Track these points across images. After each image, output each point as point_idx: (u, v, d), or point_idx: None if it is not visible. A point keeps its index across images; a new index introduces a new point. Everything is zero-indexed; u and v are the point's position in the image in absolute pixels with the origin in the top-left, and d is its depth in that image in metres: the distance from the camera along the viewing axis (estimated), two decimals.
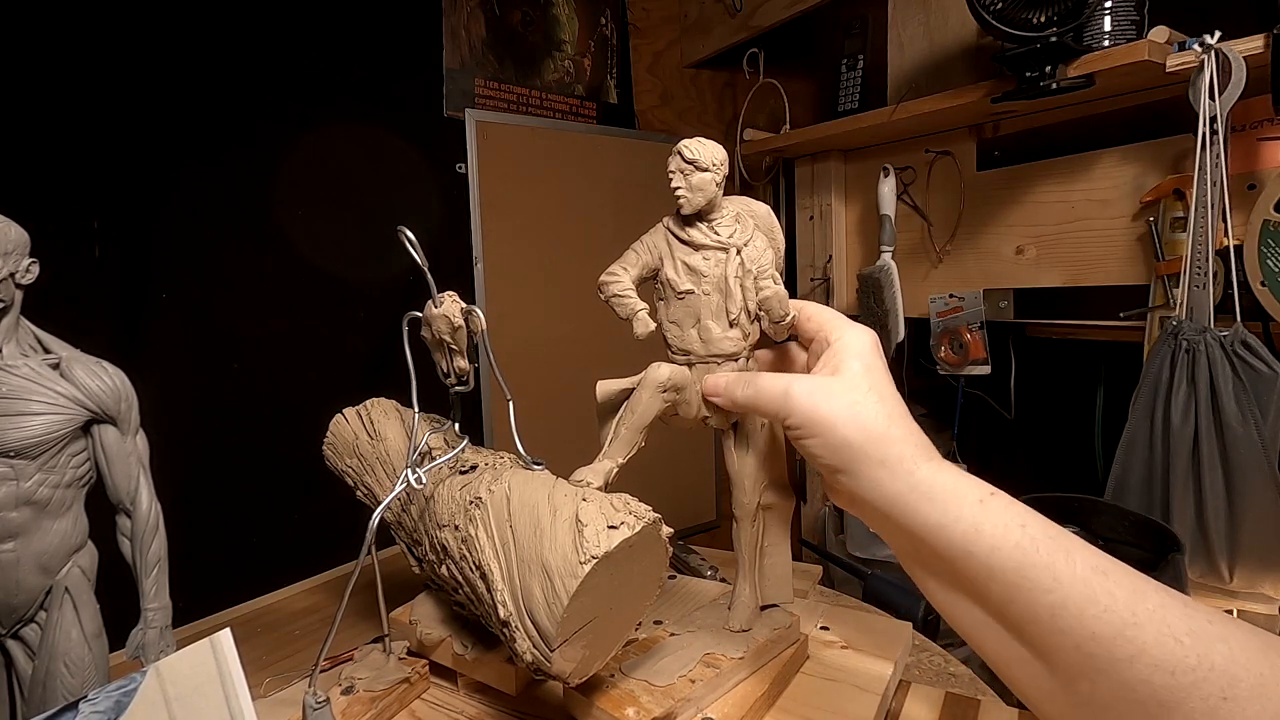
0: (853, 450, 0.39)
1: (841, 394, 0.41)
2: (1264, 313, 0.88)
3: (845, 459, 0.40)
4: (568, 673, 0.44)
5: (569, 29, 1.39)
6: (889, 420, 0.40)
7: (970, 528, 0.36)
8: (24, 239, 0.49)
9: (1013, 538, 0.36)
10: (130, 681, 0.37)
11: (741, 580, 0.57)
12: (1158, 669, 0.32)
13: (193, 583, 0.64)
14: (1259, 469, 0.85)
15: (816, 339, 0.46)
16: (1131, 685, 0.32)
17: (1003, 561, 0.35)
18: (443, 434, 0.59)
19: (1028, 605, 0.35)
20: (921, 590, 0.41)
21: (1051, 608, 0.34)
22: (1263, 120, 0.92)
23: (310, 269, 1.06)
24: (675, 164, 0.49)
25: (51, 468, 0.48)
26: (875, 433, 0.39)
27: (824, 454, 0.40)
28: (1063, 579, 0.34)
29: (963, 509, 0.37)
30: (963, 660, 0.66)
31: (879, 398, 0.41)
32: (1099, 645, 0.33)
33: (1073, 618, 0.33)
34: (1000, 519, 0.36)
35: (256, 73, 1.00)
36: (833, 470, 0.41)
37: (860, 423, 0.40)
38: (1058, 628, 0.34)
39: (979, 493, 0.38)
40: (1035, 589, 0.34)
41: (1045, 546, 0.35)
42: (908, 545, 0.40)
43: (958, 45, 1.19)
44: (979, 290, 1.25)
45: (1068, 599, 0.34)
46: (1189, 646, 0.32)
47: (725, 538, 0.61)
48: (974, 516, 0.37)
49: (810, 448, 0.41)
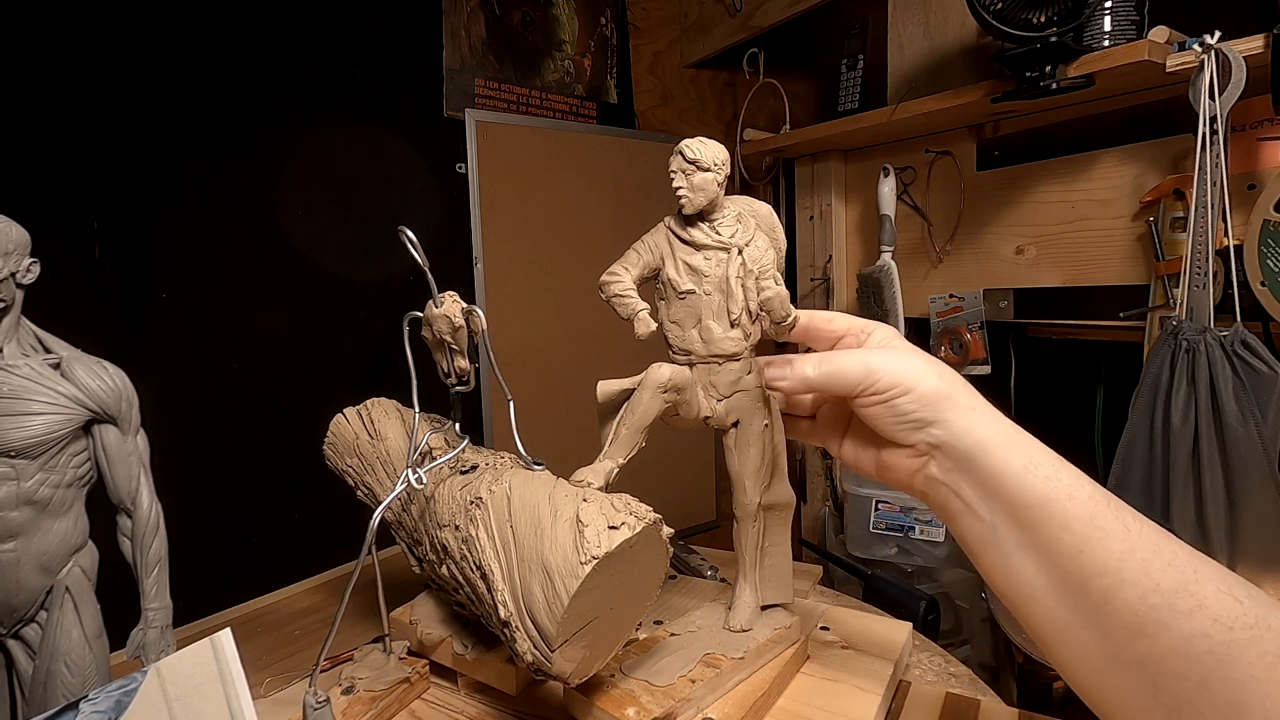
0: (946, 399, 0.42)
1: (914, 357, 0.44)
2: (1264, 313, 0.88)
3: (939, 409, 0.42)
4: (568, 673, 0.44)
5: (569, 29, 1.39)
6: (959, 377, 0.44)
7: (1051, 473, 0.38)
8: (25, 239, 0.49)
9: (1087, 490, 0.38)
10: (131, 681, 0.37)
11: (742, 580, 0.57)
12: (1217, 623, 0.32)
13: (193, 583, 0.64)
14: (1259, 469, 0.85)
15: (848, 335, 0.49)
16: (1191, 639, 0.33)
17: (1078, 509, 0.37)
18: (443, 434, 0.59)
19: (1096, 554, 0.36)
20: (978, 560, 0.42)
21: (1120, 557, 0.35)
22: (1263, 120, 0.92)
23: (310, 269, 1.06)
24: (677, 164, 0.49)
25: (52, 467, 0.48)
26: (959, 383, 0.43)
27: (916, 407, 0.42)
28: (1133, 531, 0.36)
29: (1043, 457, 0.39)
30: (962, 660, 0.66)
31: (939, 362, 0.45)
32: (1162, 597, 0.34)
33: (1139, 569, 0.35)
34: (1075, 474, 0.39)
35: (256, 72, 1.00)
36: (922, 425, 0.42)
37: (945, 376, 0.43)
38: (1124, 579, 0.35)
39: (1052, 451, 0.40)
40: (1107, 537, 0.36)
41: (1115, 505, 0.38)
42: (982, 500, 0.41)
43: (958, 45, 1.19)
44: (979, 290, 1.25)
45: (1135, 549, 0.35)
46: (1247, 606, 0.33)
47: (725, 538, 0.61)
48: (1054, 465, 0.39)
49: (901, 405, 0.43)
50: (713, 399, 0.51)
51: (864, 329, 0.48)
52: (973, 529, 0.41)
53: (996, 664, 1.28)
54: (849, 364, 0.44)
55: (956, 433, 0.41)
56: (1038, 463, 0.39)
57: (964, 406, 0.42)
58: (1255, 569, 0.87)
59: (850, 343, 0.49)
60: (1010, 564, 0.39)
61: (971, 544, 0.42)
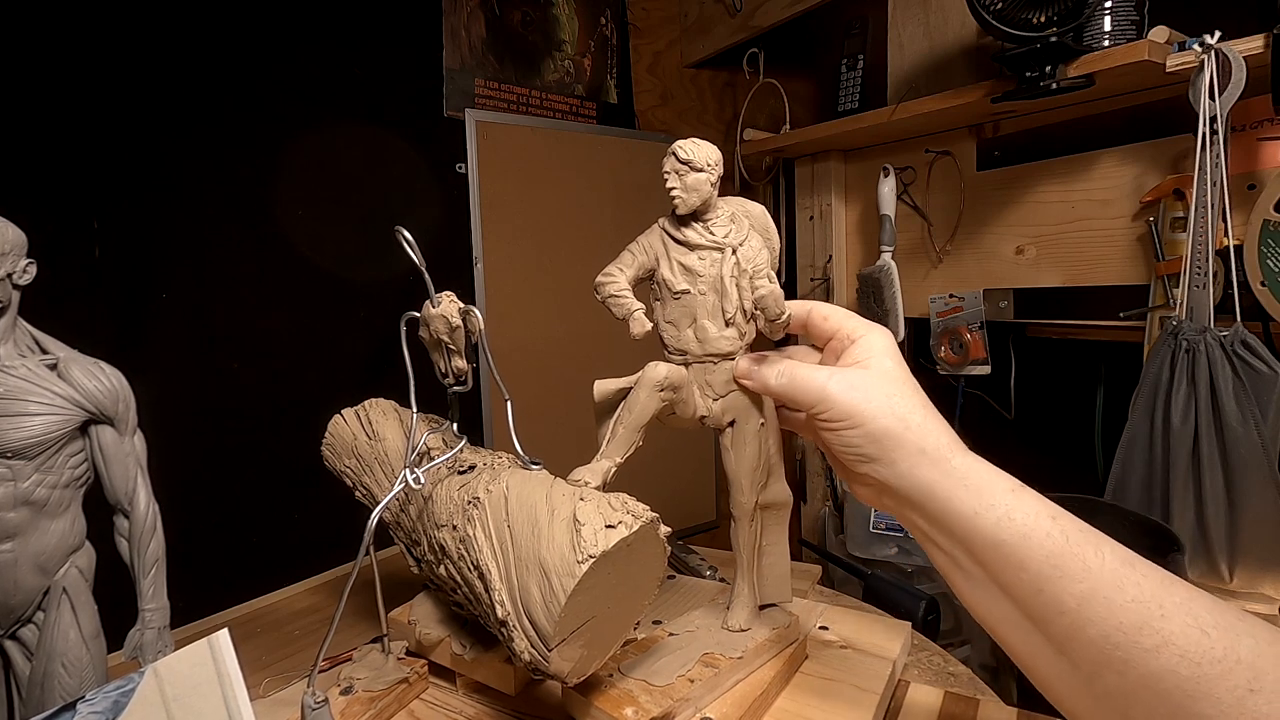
0: (893, 439, 0.40)
1: (878, 386, 0.42)
2: (1264, 313, 0.88)
3: (885, 448, 0.40)
4: (566, 672, 0.44)
5: (569, 29, 1.39)
6: (924, 412, 0.41)
7: (1004, 515, 0.37)
8: (21, 239, 0.49)
9: (1044, 527, 0.36)
10: (128, 682, 0.37)
11: (740, 580, 0.56)
12: (1184, 659, 0.32)
13: (192, 583, 0.65)
14: (1259, 469, 0.84)
15: (836, 337, 0.47)
16: (1158, 675, 0.32)
17: (1034, 550, 0.36)
18: (441, 434, 0.59)
19: (1056, 595, 0.35)
20: (948, 583, 0.41)
21: (1080, 597, 0.34)
22: (1263, 120, 0.92)
23: (310, 269, 1.06)
24: (670, 164, 0.49)
25: (49, 468, 0.48)
26: (914, 423, 0.41)
27: (862, 443, 0.41)
28: (1092, 568, 0.35)
29: (996, 496, 0.38)
30: (962, 660, 0.66)
31: (912, 391, 0.42)
32: (1125, 635, 0.33)
33: (1100, 607, 0.34)
34: (1031, 509, 0.37)
35: (256, 73, 1.01)
36: (868, 460, 0.41)
37: (898, 414, 0.41)
38: (1085, 618, 0.34)
39: (1010, 483, 0.39)
40: (1065, 578, 0.35)
41: (1075, 538, 0.36)
42: (938, 536, 0.40)
43: (958, 45, 1.19)
44: (979, 290, 1.25)
45: (1096, 588, 0.34)
46: (1215, 639, 0.32)
47: (724, 537, 0.61)
48: (1007, 504, 0.37)
49: (848, 439, 0.42)
50: (709, 398, 0.51)
51: (851, 335, 0.46)
52: (937, 557, 0.41)
53: (996, 664, 1.28)
54: (808, 384, 0.43)
55: (900, 474, 0.40)
56: (989, 505, 0.37)
57: (911, 449, 0.40)
58: (1255, 569, 0.87)
59: (836, 347, 0.47)
60: (978, 591, 0.39)
61: (940, 568, 0.41)
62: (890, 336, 0.46)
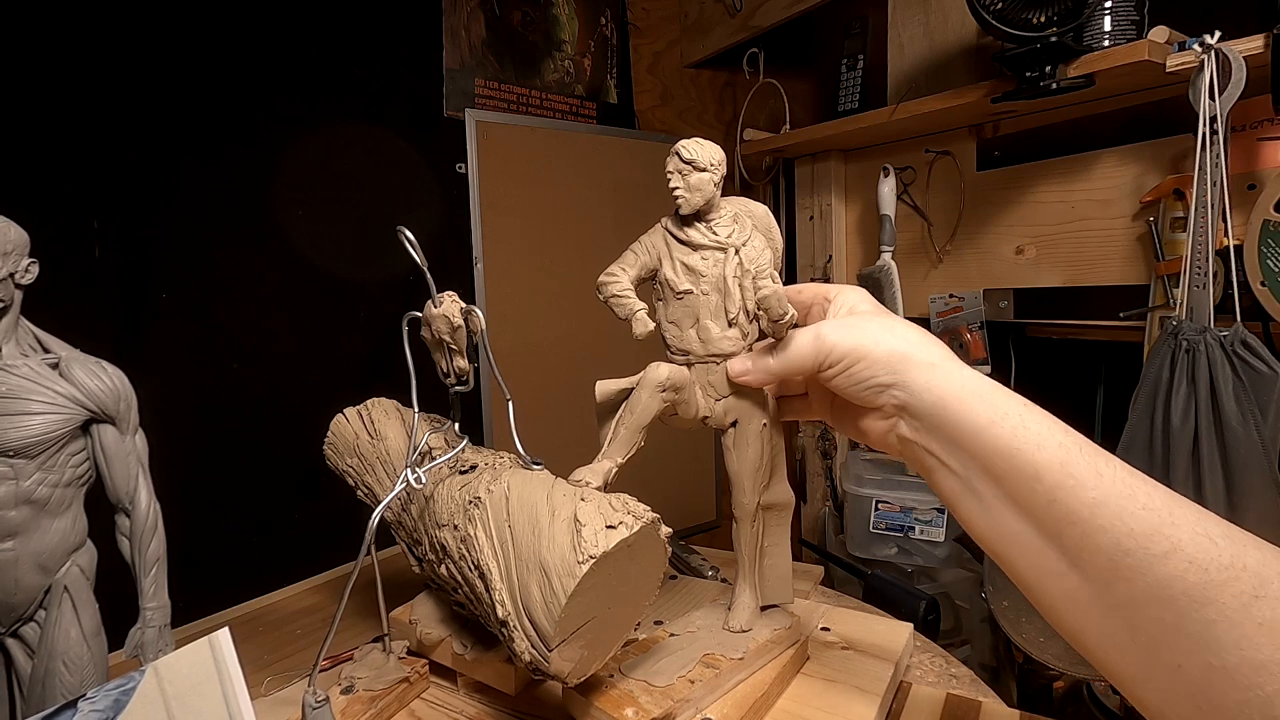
0: (901, 357, 0.41)
1: (868, 321, 0.44)
2: (1264, 313, 0.88)
3: (896, 369, 0.41)
4: (566, 672, 0.44)
5: (569, 29, 1.39)
6: (919, 333, 0.43)
7: (1019, 424, 0.38)
8: (23, 239, 0.49)
9: (1056, 437, 0.37)
10: (129, 680, 0.37)
11: (741, 580, 0.56)
12: (1192, 565, 0.32)
13: (193, 582, 0.64)
14: (1259, 469, 0.84)
15: (814, 304, 0.49)
16: (1165, 581, 0.33)
17: (1049, 458, 0.36)
18: (442, 434, 0.59)
19: (1069, 503, 0.35)
20: (956, 514, 0.41)
21: (1093, 504, 0.35)
22: (1263, 120, 0.92)
23: (310, 269, 1.06)
24: (673, 164, 0.49)
25: (51, 467, 0.48)
26: (914, 340, 0.42)
27: (874, 371, 0.42)
28: (1105, 476, 0.35)
29: (1009, 407, 0.39)
30: (962, 660, 0.66)
31: (900, 320, 0.44)
32: (1136, 541, 0.33)
33: (1112, 514, 0.34)
34: (1044, 420, 0.38)
35: (256, 72, 1.01)
36: (884, 387, 0.42)
37: (898, 336, 0.42)
38: (1098, 525, 0.34)
39: (1019, 398, 0.40)
40: (1079, 485, 0.35)
41: (1087, 449, 0.37)
42: (951, 458, 0.40)
43: (958, 45, 1.19)
44: (979, 290, 1.25)
45: (1108, 496, 0.35)
46: (1223, 547, 0.33)
47: (725, 538, 0.61)
48: (1020, 414, 0.38)
49: (858, 373, 0.42)
50: (711, 399, 0.51)
51: (828, 295, 0.48)
52: (948, 483, 0.41)
53: (997, 664, 1.28)
54: (802, 343, 0.44)
55: (917, 391, 0.41)
56: (1004, 413, 0.38)
57: (923, 364, 0.41)
58: None
59: (816, 313, 0.49)
60: (989, 515, 0.39)
61: (949, 497, 0.42)
62: (864, 290, 0.48)
